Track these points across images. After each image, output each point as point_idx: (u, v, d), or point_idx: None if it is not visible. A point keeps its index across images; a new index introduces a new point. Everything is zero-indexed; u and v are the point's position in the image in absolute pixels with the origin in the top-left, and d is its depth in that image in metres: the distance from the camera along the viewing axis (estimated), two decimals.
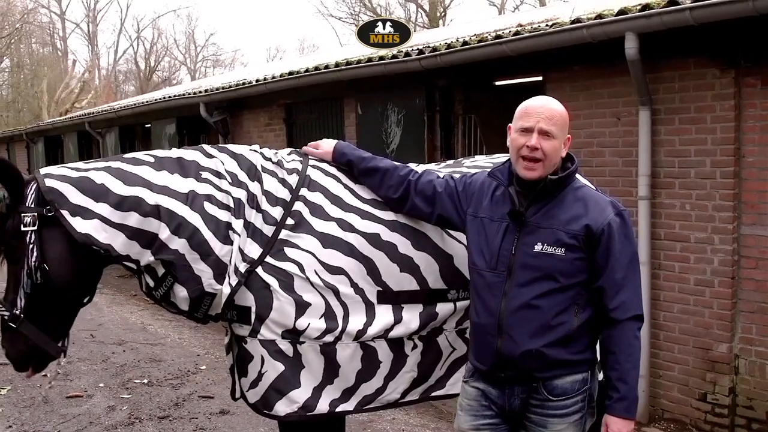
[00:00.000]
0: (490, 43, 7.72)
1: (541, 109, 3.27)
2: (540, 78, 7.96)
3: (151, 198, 3.62)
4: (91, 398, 7.78)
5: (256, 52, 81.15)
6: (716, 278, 6.51)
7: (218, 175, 3.78)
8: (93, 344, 10.00)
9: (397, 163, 3.92)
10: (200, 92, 13.64)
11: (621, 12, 6.49)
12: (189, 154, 3.88)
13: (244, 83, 12.55)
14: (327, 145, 4.06)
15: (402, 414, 7.20)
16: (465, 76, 8.90)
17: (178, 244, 3.61)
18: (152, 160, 3.80)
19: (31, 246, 3.53)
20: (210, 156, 3.88)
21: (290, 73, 11.14)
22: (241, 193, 3.75)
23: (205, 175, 3.76)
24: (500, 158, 4.30)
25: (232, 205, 3.71)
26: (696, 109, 6.53)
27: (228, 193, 3.73)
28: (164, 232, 3.60)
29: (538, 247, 3.24)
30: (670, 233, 6.80)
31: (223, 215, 3.68)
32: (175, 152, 3.90)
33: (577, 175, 3.45)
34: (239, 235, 3.67)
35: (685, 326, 6.76)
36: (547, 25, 7.52)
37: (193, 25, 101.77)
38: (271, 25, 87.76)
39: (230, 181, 3.78)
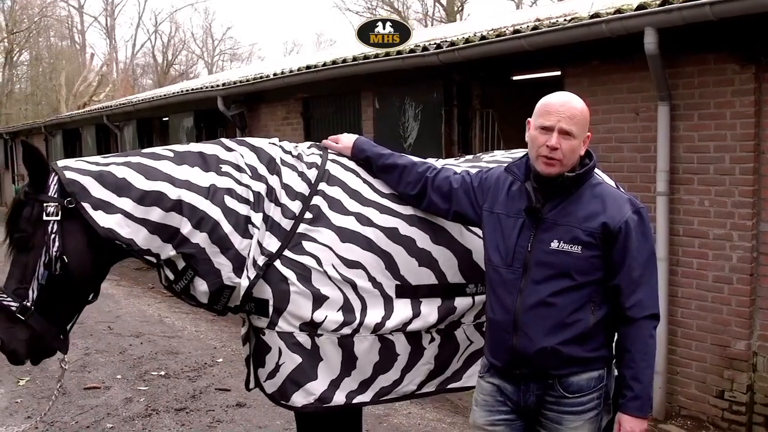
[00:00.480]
0: (509, 37, 7.70)
1: (562, 108, 3.23)
2: (558, 73, 7.94)
3: (173, 192, 3.63)
4: (108, 390, 7.82)
5: (273, 46, 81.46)
6: (735, 275, 6.47)
7: (238, 168, 3.79)
8: (110, 336, 10.05)
9: (415, 160, 3.92)
10: (218, 86, 13.67)
11: (640, 6, 6.45)
12: (209, 147, 3.89)
13: (261, 77, 12.57)
14: (347, 140, 4.06)
15: (418, 408, 7.21)
16: (483, 70, 8.89)
17: (200, 238, 3.63)
18: (172, 154, 3.81)
19: (53, 236, 3.54)
20: (230, 149, 3.89)
21: (308, 67, 11.15)
22: (260, 187, 3.77)
23: (225, 168, 3.77)
24: (519, 153, 4.29)
25: (251, 198, 3.73)
26: (715, 104, 6.50)
27: (248, 186, 3.75)
28: (186, 227, 3.62)
29: (554, 245, 3.23)
30: (688, 229, 6.77)
31: (243, 209, 3.70)
32: (194, 146, 3.91)
33: (596, 171, 3.43)
34: (258, 229, 3.69)
35: (703, 323, 6.73)
36: (565, 20, 7.49)
37: (211, 19, 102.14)
38: (288, 19, 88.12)
39: (250, 174, 3.79)
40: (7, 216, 3.70)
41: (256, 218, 3.70)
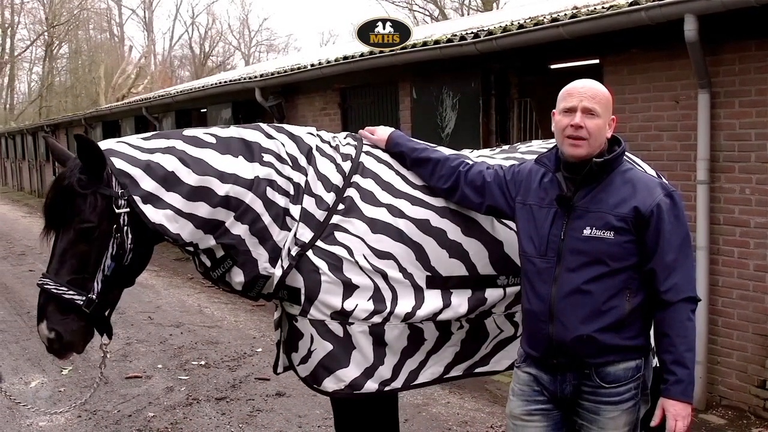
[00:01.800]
0: (547, 26, 7.66)
1: (583, 89, 3.27)
2: (597, 61, 7.89)
3: (221, 189, 3.66)
4: (149, 379, 7.91)
5: (309, 37, 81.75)
6: None
7: (280, 159, 3.81)
8: (151, 326, 10.16)
9: (449, 154, 3.93)
10: (255, 77, 13.74)
11: None
12: (250, 134, 3.89)
13: (298, 68, 12.61)
14: (382, 132, 4.07)
15: (456, 398, 7.22)
16: (520, 59, 8.85)
17: (240, 230, 3.68)
18: (214, 140, 3.81)
19: (125, 228, 3.56)
20: (270, 137, 3.91)
21: (345, 58, 11.17)
22: (300, 179, 3.80)
23: (267, 158, 3.79)
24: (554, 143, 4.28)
25: (291, 191, 3.76)
26: (757, 91, 6.42)
27: (289, 179, 3.78)
28: (229, 219, 3.67)
29: (586, 232, 3.22)
30: (729, 218, 6.71)
31: (282, 201, 3.74)
32: (235, 131, 3.91)
33: (627, 156, 3.43)
34: (296, 222, 3.72)
35: (744, 312, 6.67)
36: (603, 8, 7.44)
37: (247, 10, 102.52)
38: (324, 9, 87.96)
39: (291, 165, 3.82)
40: (54, 205, 3.64)
41: (295, 210, 3.74)
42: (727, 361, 6.81)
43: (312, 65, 12.16)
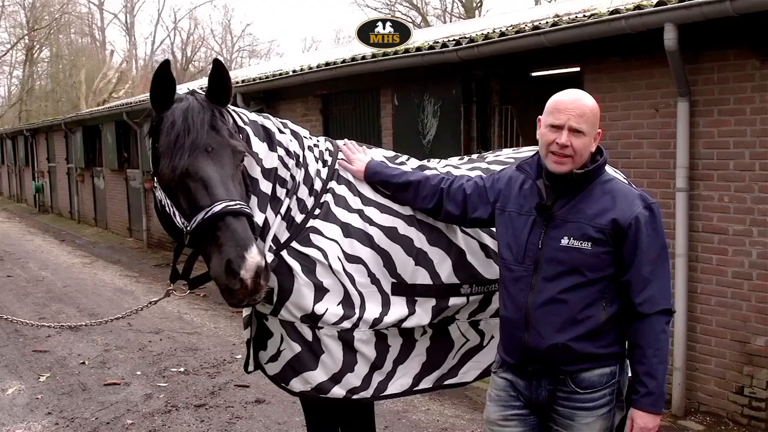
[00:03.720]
0: (528, 33, 7.69)
1: (572, 106, 3.24)
2: (577, 69, 7.92)
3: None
4: (128, 386, 7.87)
5: (291, 43, 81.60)
6: (754, 271, 6.45)
7: (288, 153, 3.88)
8: (130, 333, 10.10)
9: (429, 174, 3.93)
10: (237, 83, 13.70)
11: (660, 2, 6.43)
12: (268, 123, 3.96)
13: (280, 74, 12.60)
14: (359, 163, 4.02)
15: (437, 405, 7.22)
16: (502, 67, 8.87)
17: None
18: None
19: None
20: (281, 131, 3.96)
21: (327, 64, 11.16)
22: (298, 176, 3.86)
23: (280, 151, 3.85)
24: (525, 152, 4.31)
25: (289, 187, 3.83)
26: (735, 100, 6.47)
27: (293, 176, 3.84)
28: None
29: (564, 241, 3.23)
30: (708, 225, 6.75)
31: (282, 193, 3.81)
32: (257, 117, 3.97)
33: (607, 168, 3.43)
34: (278, 217, 3.76)
35: (722, 319, 6.70)
36: (584, 16, 7.48)
37: (230, 16, 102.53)
38: (307, 15, 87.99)
39: (295, 162, 3.89)
40: None
41: (282, 208, 3.79)
42: (706, 368, 6.84)
43: (294, 71, 12.15)
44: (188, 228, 3.33)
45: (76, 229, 23.95)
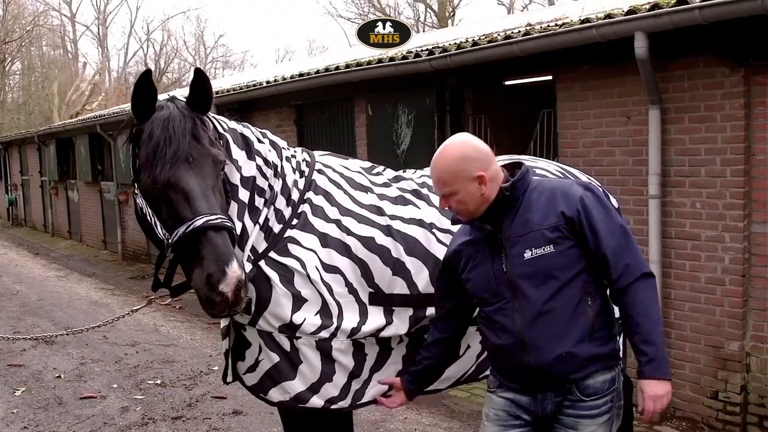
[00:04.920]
0: (500, 43, 7.73)
1: (435, 175, 3.40)
2: (550, 77, 7.97)
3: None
4: (104, 399, 7.83)
5: (265, 53, 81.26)
6: (727, 276, 6.51)
7: (267, 163, 3.87)
8: (106, 345, 10.05)
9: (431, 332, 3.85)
10: None
11: (630, 11, 6.49)
12: (247, 132, 3.92)
13: (254, 85, 12.60)
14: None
15: (414, 413, 7.22)
16: (475, 76, 8.91)
17: None
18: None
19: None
20: (260, 140, 3.95)
21: (300, 75, 11.18)
22: (276, 186, 3.87)
23: (258, 160, 3.85)
24: (500, 161, 4.36)
25: (268, 197, 3.83)
26: (706, 107, 6.53)
27: (271, 186, 3.84)
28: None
29: (528, 254, 3.25)
30: (680, 232, 6.81)
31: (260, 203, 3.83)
32: (236, 125, 3.93)
33: (534, 173, 3.51)
34: (257, 227, 3.76)
35: (696, 324, 6.76)
36: (556, 25, 7.53)
37: (203, 27, 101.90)
38: (281, 26, 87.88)
39: (273, 173, 3.89)
40: None
41: (260, 218, 3.79)
42: (681, 373, 6.89)
43: (268, 82, 12.15)
44: (170, 240, 3.32)
45: (51, 242, 23.79)
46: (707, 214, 6.59)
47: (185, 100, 3.56)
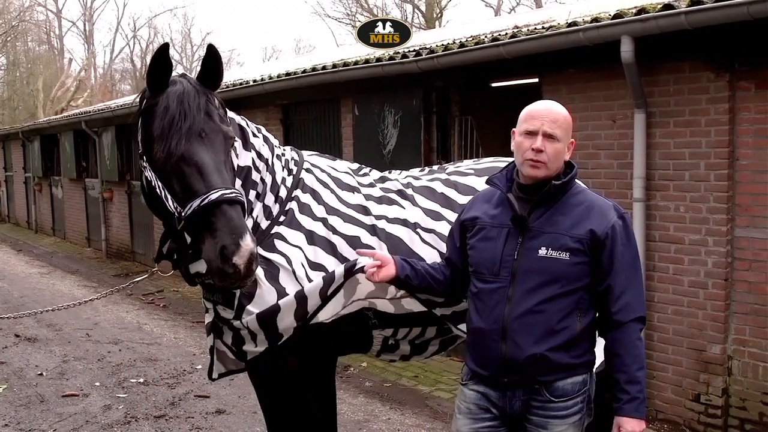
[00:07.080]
0: (487, 45, 7.75)
1: (545, 113, 3.32)
2: (536, 80, 7.99)
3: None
4: (87, 397, 7.80)
5: (252, 52, 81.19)
6: (710, 280, 6.54)
7: (260, 156, 3.93)
8: (89, 343, 10.01)
9: (437, 263, 3.82)
10: None
11: (617, 15, 6.52)
12: (244, 123, 4.00)
13: (241, 83, 12.58)
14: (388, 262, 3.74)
15: (398, 414, 7.23)
16: (461, 77, 8.93)
17: None
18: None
19: None
20: (254, 134, 4.02)
21: (287, 74, 11.17)
22: (267, 181, 3.91)
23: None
24: (486, 163, 4.39)
25: (260, 191, 3.88)
26: (690, 112, 6.57)
27: (263, 180, 3.89)
28: None
29: (542, 252, 3.27)
30: (664, 235, 6.84)
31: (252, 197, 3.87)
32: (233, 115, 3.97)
33: (576, 180, 3.49)
34: (250, 220, 3.79)
35: (678, 327, 6.79)
36: (543, 28, 7.55)
37: (190, 25, 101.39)
38: (268, 24, 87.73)
39: (266, 167, 3.94)
40: None
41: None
42: (663, 376, 6.92)
43: (254, 81, 12.13)
44: (183, 213, 3.34)
45: (34, 238, 23.67)
46: (691, 218, 6.63)
47: (197, 76, 3.61)
